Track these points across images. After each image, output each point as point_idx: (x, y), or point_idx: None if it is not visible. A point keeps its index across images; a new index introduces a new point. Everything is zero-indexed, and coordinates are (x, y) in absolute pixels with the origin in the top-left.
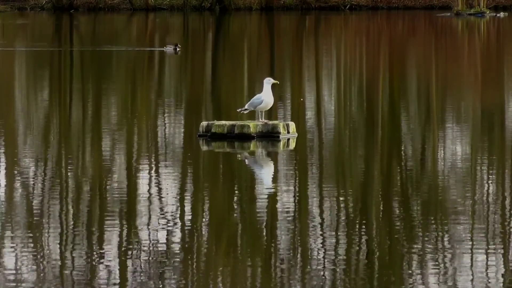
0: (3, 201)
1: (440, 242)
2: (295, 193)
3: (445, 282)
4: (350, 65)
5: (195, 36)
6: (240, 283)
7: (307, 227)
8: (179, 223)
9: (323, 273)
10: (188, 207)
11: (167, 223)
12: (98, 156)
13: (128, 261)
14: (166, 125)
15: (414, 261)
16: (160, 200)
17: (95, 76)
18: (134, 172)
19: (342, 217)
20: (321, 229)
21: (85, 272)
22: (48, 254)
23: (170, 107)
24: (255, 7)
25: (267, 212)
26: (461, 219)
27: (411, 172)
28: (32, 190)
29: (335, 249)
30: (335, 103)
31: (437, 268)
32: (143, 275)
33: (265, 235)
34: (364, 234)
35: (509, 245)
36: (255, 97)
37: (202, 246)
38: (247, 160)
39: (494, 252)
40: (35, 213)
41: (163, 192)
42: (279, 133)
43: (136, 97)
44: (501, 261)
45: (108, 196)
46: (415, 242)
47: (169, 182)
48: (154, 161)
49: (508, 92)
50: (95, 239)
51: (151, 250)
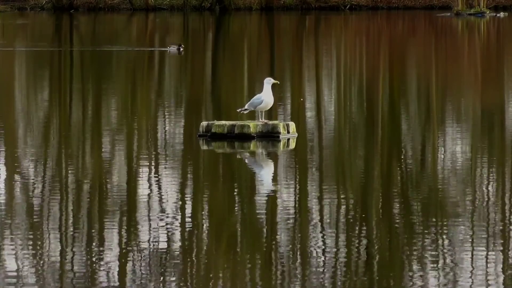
0: (3, 201)
1: (440, 242)
2: (295, 193)
3: (445, 282)
4: (350, 65)
5: (195, 36)
6: (240, 283)
7: (307, 227)
8: (179, 223)
9: (323, 273)
10: (188, 207)
11: (167, 223)
12: (98, 156)
13: (128, 261)
14: (166, 125)
15: (414, 261)
16: (160, 200)
17: (95, 76)
18: (134, 172)
19: (342, 217)
20: (321, 229)
21: (85, 272)
22: (48, 254)
23: (170, 107)
24: (255, 7)
25: (267, 212)
26: (461, 219)
27: (411, 172)
28: (32, 190)
29: (335, 249)
30: (335, 103)
31: (437, 268)
32: (143, 275)
33: (265, 235)
34: (364, 234)
35: (509, 245)
36: (255, 97)
37: (202, 246)
38: (247, 160)
39: (494, 252)
40: (35, 213)
41: (163, 192)
42: (279, 133)
43: (136, 97)
44: (501, 261)
45: (108, 196)
46: (415, 242)
47: (169, 182)
48: (154, 161)
49: (508, 92)
50: (95, 239)
51: (151, 250)
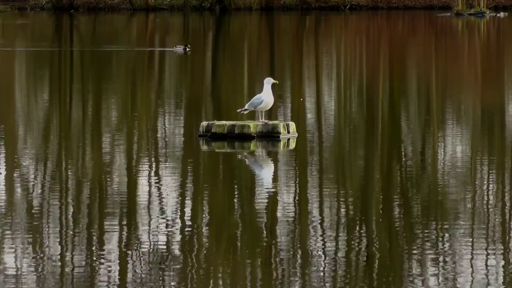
0: (3, 201)
1: (440, 242)
2: (295, 193)
3: (445, 282)
4: (350, 65)
5: (195, 36)
6: (240, 283)
7: (307, 227)
8: (179, 223)
9: (323, 273)
10: (188, 207)
11: (167, 223)
12: (98, 156)
13: (128, 261)
14: (166, 125)
15: (414, 261)
16: (160, 200)
17: (95, 76)
18: (134, 172)
19: (342, 217)
20: (321, 229)
21: (85, 272)
22: (48, 254)
23: (170, 107)
24: (255, 7)
25: (267, 212)
26: (461, 219)
27: (411, 172)
28: (32, 190)
29: (335, 249)
30: (335, 103)
31: (437, 268)
32: (143, 275)
33: (265, 235)
34: (364, 234)
35: (510, 245)
36: (255, 97)
37: (202, 246)
38: (247, 160)
39: (494, 252)
40: (35, 213)
41: (163, 192)
42: (279, 133)
43: (136, 97)
44: (501, 261)
45: (108, 196)
46: (415, 242)
47: (169, 182)
48: (154, 161)
49: (508, 92)
50: (95, 239)
51: (151, 250)
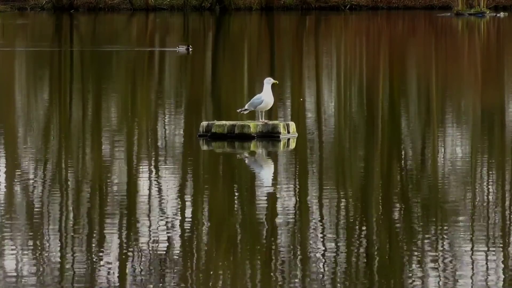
0: (3, 201)
1: (440, 242)
2: (295, 193)
3: (445, 283)
4: (350, 65)
5: (195, 36)
6: (240, 283)
7: (307, 227)
8: (179, 223)
9: (323, 273)
10: (188, 207)
11: (167, 223)
12: (98, 156)
13: (128, 261)
14: (166, 125)
15: (414, 261)
16: (160, 200)
17: (95, 76)
18: (134, 172)
19: (342, 217)
20: (321, 229)
21: (85, 272)
22: (48, 254)
23: (170, 107)
24: (255, 7)
25: (267, 212)
26: (461, 219)
27: (411, 172)
28: (32, 190)
29: (335, 249)
30: (335, 103)
31: (437, 269)
32: (143, 276)
33: (265, 235)
34: (364, 234)
35: (510, 245)
36: (255, 97)
37: (202, 246)
38: (247, 160)
39: (494, 253)
40: (35, 213)
41: (163, 192)
42: (279, 133)
43: (136, 97)
44: (501, 262)
45: (108, 196)
46: (415, 242)
47: (169, 182)
48: (154, 161)
49: (508, 92)
50: (95, 239)
51: (151, 250)
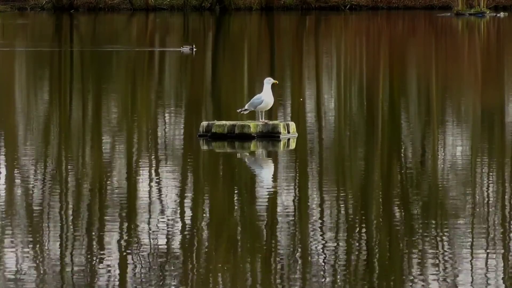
0: (3, 201)
1: (440, 242)
2: (295, 193)
3: (445, 283)
4: (350, 65)
5: (195, 36)
6: (240, 283)
7: (307, 227)
8: (179, 223)
9: (323, 273)
10: (188, 207)
11: (167, 223)
12: (98, 156)
13: (128, 261)
14: (166, 125)
15: (414, 261)
16: (160, 200)
17: (96, 76)
18: (134, 172)
19: (342, 217)
20: (321, 229)
21: (85, 272)
22: (48, 254)
23: (170, 107)
24: (255, 7)
25: (267, 212)
26: (461, 219)
27: (411, 172)
28: (32, 190)
29: (335, 249)
30: (335, 103)
31: (437, 268)
32: (143, 275)
33: (265, 235)
34: (364, 234)
35: (510, 246)
36: (255, 97)
37: (202, 246)
38: (247, 160)
39: (494, 253)
40: (35, 213)
41: (163, 192)
42: (280, 133)
43: (136, 97)
44: (501, 262)
45: (108, 196)
46: (415, 242)
47: (169, 182)
48: (154, 161)
49: (508, 92)
50: (95, 239)
51: (151, 250)
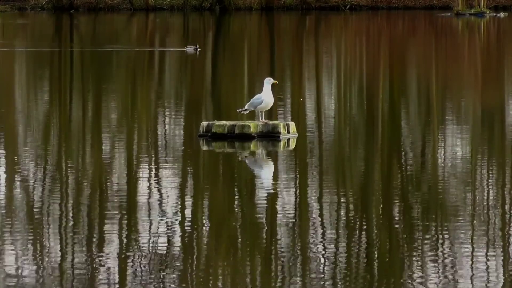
0: (3, 201)
1: (440, 242)
2: (295, 193)
3: (445, 283)
4: (350, 65)
5: (195, 36)
6: (240, 283)
7: (307, 227)
8: (179, 223)
9: (323, 273)
10: (188, 207)
11: (167, 223)
12: (98, 156)
13: (128, 261)
14: (166, 125)
15: (414, 261)
16: (160, 200)
17: (96, 76)
18: (134, 172)
19: (342, 217)
20: (321, 230)
21: (85, 272)
22: (48, 254)
23: (170, 107)
24: (255, 7)
25: (267, 212)
26: (461, 219)
27: (411, 172)
28: (32, 190)
29: (335, 249)
30: (335, 103)
31: (437, 269)
32: (143, 275)
33: (265, 235)
34: (364, 234)
35: (510, 246)
36: (255, 97)
37: (202, 246)
38: (247, 160)
39: (494, 253)
40: (35, 213)
41: (164, 192)
42: (280, 133)
43: (136, 97)
44: (501, 262)
45: (108, 196)
46: (415, 242)
47: (170, 182)
48: (154, 161)
49: (508, 92)
50: (95, 239)
51: (151, 250)
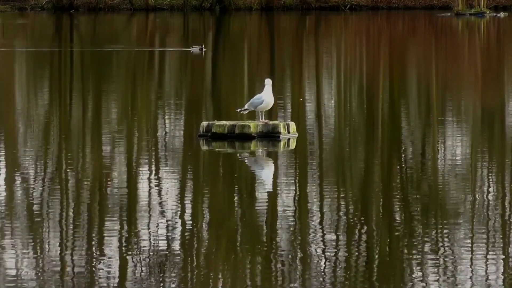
0: (3, 202)
1: (440, 242)
2: (295, 193)
3: (445, 284)
4: (350, 65)
5: (195, 36)
6: (240, 283)
7: (307, 227)
8: (179, 223)
9: (323, 273)
10: (188, 207)
11: (167, 223)
12: (98, 156)
13: (128, 261)
14: (166, 125)
15: (414, 261)
16: (160, 200)
17: (96, 76)
18: (134, 172)
19: (342, 217)
20: (321, 230)
21: (85, 272)
22: (48, 254)
23: (170, 107)
24: (255, 7)
25: (267, 212)
26: (461, 220)
27: (411, 172)
28: (32, 190)
29: (335, 249)
30: (335, 103)
31: (437, 269)
32: (143, 275)
33: (265, 235)
34: (364, 234)
35: (510, 246)
36: (255, 97)
37: (202, 246)
38: (247, 160)
39: (494, 253)
40: (35, 213)
41: (164, 192)
42: (280, 133)
43: (136, 97)
44: (501, 262)
45: (108, 196)
46: (415, 242)
47: (170, 182)
48: (154, 161)
49: (508, 92)
50: (95, 239)
51: (151, 250)
